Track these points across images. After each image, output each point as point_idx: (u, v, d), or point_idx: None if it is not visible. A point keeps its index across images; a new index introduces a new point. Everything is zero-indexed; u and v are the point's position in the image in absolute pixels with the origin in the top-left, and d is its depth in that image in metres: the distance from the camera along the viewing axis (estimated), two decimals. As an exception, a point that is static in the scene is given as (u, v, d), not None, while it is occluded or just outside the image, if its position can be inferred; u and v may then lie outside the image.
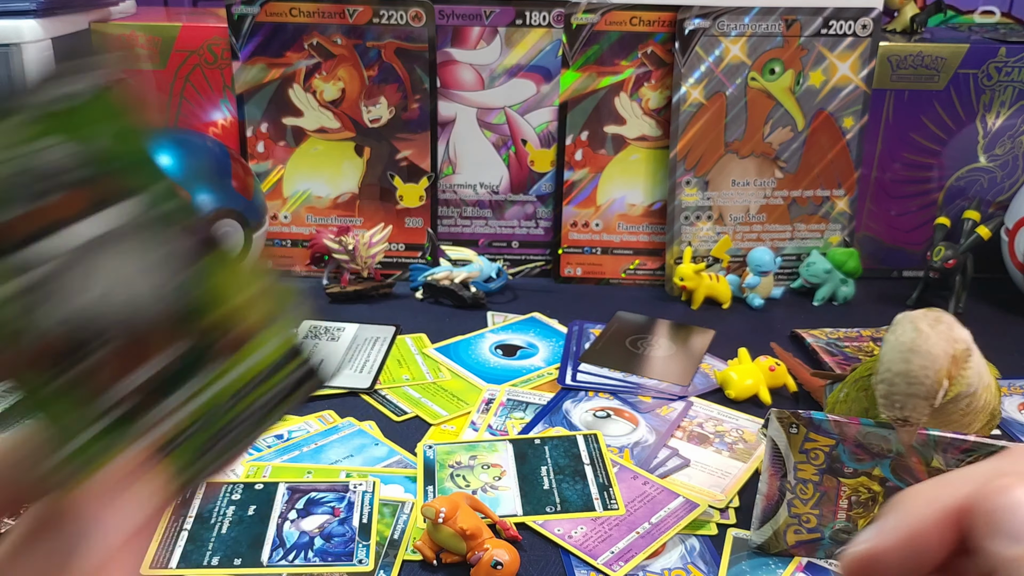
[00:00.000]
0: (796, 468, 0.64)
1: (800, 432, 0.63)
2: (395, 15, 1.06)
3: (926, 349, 0.57)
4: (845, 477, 0.63)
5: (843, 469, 0.63)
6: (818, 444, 0.63)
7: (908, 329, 0.58)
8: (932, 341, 0.57)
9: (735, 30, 1.06)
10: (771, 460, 0.65)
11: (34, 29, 0.94)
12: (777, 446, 0.64)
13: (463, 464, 0.74)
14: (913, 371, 0.56)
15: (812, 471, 0.64)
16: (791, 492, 0.64)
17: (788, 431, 0.63)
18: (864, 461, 0.62)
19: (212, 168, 0.98)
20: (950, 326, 0.59)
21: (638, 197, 1.13)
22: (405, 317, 1.03)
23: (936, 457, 0.60)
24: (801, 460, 0.64)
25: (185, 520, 0.66)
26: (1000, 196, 1.15)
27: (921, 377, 0.56)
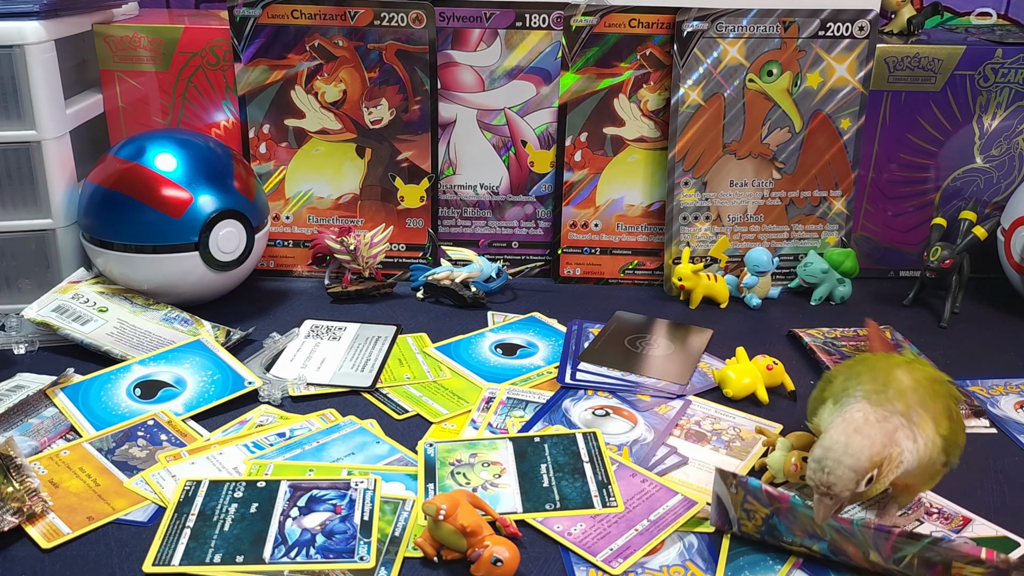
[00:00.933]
0: (739, 523, 0.66)
1: (739, 493, 0.65)
2: (396, 17, 1.07)
3: (868, 433, 0.60)
4: (785, 543, 0.65)
5: (782, 537, 0.65)
6: (755, 508, 0.65)
7: (857, 416, 0.61)
8: (876, 431, 0.61)
9: (733, 32, 1.07)
10: (716, 513, 0.67)
11: (37, 31, 0.95)
12: (721, 501, 0.66)
13: (463, 462, 0.75)
14: (852, 445, 0.60)
15: (752, 528, 0.66)
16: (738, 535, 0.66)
17: (729, 489, 0.66)
18: (801, 536, 0.64)
19: (214, 169, 0.99)
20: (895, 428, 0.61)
21: (637, 198, 1.13)
22: (406, 317, 1.04)
23: (872, 552, 0.61)
24: (742, 517, 0.66)
25: (188, 518, 0.67)
26: (996, 197, 1.16)
27: (857, 452, 0.59)
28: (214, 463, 0.75)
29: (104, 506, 0.69)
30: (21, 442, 0.76)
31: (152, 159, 0.96)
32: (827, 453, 0.60)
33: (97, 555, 0.65)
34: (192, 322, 0.97)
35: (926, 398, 0.64)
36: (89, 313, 0.96)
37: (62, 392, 0.84)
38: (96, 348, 0.91)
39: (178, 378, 0.86)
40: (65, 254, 1.02)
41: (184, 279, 0.99)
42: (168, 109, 1.10)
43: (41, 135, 0.97)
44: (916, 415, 0.63)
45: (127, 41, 1.07)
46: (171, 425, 0.80)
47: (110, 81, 1.09)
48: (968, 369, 0.95)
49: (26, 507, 0.67)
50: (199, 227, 0.97)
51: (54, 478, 0.72)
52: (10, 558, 0.64)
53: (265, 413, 0.83)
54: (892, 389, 0.63)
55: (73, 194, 1.02)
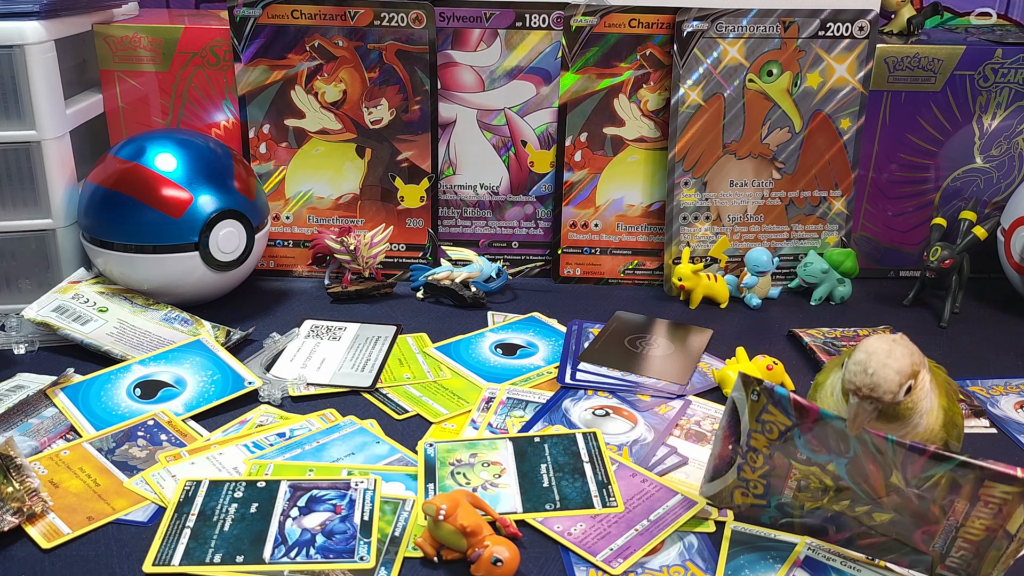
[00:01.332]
0: (750, 435, 0.64)
1: (760, 400, 0.63)
2: (396, 17, 1.07)
3: (904, 344, 0.61)
4: (797, 461, 0.63)
5: (796, 453, 0.63)
6: (775, 419, 0.63)
7: (889, 335, 0.62)
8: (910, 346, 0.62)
9: (733, 32, 1.07)
10: (727, 421, 0.65)
11: (37, 31, 0.95)
12: (736, 409, 0.64)
13: (463, 462, 0.75)
14: (894, 351, 0.60)
15: (764, 443, 0.63)
16: (741, 457, 0.64)
17: (749, 396, 0.63)
18: (819, 452, 0.62)
19: (214, 169, 0.99)
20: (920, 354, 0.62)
21: (637, 198, 1.13)
22: (406, 317, 1.04)
23: (896, 473, 0.60)
24: (756, 429, 0.64)
25: (188, 518, 0.67)
26: (996, 197, 1.16)
27: (900, 357, 0.60)
28: (214, 463, 0.75)
29: (104, 506, 0.69)
30: (21, 442, 0.76)
31: (152, 159, 0.96)
32: (871, 356, 0.60)
33: (97, 555, 0.65)
34: (192, 322, 0.97)
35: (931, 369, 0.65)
36: (89, 313, 0.96)
37: (62, 392, 0.84)
38: (96, 348, 0.91)
39: (178, 378, 0.86)
40: (65, 254, 1.02)
41: (184, 279, 0.99)
42: (168, 109, 1.10)
43: (41, 135, 0.97)
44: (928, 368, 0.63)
45: (127, 41, 1.07)
46: (171, 425, 0.80)
47: (110, 81, 1.09)
48: (968, 369, 0.95)
49: (26, 507, 0.67)
50: (199, 227, 0.97)
51: (54, 478, 0.72)
52: (10, 558, 0.64)
53: (265, 413, 0.83)
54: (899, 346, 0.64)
55: (73, 194, 1.02)
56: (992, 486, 0.58)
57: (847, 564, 0.65)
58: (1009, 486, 0.58)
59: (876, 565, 0.65)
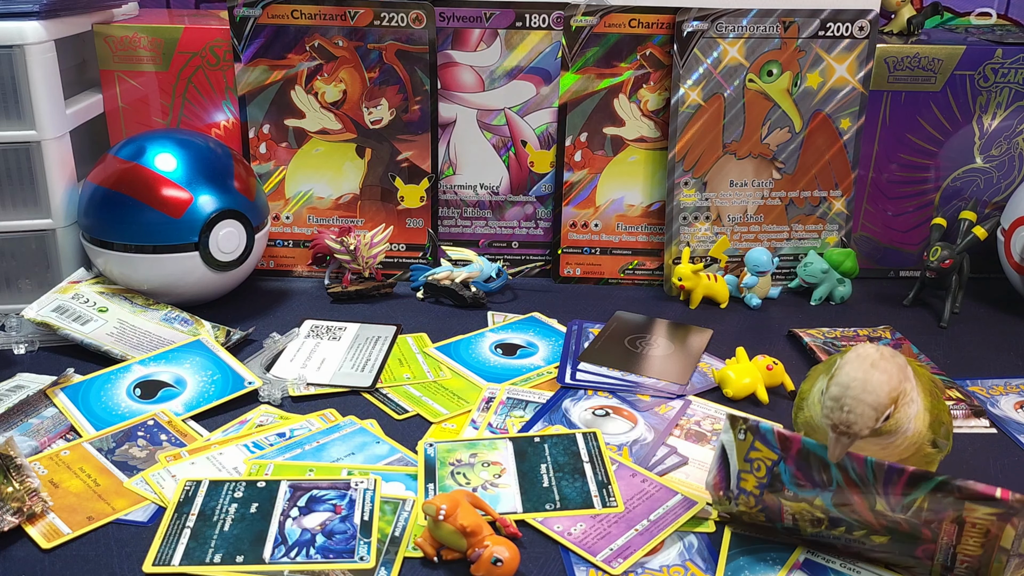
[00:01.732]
0: (739, 477, 0.64)
1: (747, 439, 0.64)
2: (396, 17, 1.07)
3: (885, 367, 0.60)
4: (786, 500, 0.63)
5: (783, 491, 0.63)
6: (761, 455, 0.63)
7: (871, 351, 0.61)
8: (891, 365, 0.60)
9: (733, 32, 1.07)
10: (717, 466, 0.66)
11: (37, 31, 0.95)
12: (725, 452, 0.65)
13: (463, 462, 0.75)
14: (871, 381, 0.59)
15: (754, 483, 0.64)
16: (734, 502, 0.65)
17: (736, 436, 0.64)
18: (805, 487, 0.62)
19: (214, 169, 0.99)
20: (904, 364, 0.62)
21: (637, 198, 1.13)
22: (406, 317, 1.04)
23: (879, 500, 0.60)
24: (745, 469, 0.64)
25: (188, 518, 0.67)
26: (996, 197, 1.16)
27: (877, 388, 0.59)
28: (214, 463, 0.75)
29: (104, 506, 0.69)
30: (21, 442, 0.76)
31: (152, 159, 0.96)
32: (846, 391, 0.59)
33: (97, 555, 0.65)
34: (192, 322, 0.97)
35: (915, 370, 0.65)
36: (89, 313, 0.96)
37: (62, 392, 0.84)
38: (96, 348, 0.91)
39: (178, 378, 0.86)
40: (65, 254, 1.02)
41: (184, 279, 0.99)
42: (168, 109, 1.10)
43: (41, 135, 0.97)
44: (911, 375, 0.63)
45: (127, 41, 1.07)
46: (171, 425, 0.80)
47: (110, 81, 1.09)
48: (968, 369, 0.95)
49: (26, 507, 0.67)
50: (199, 227, 0.97)
51: (54, 478, 0.72)
52: (10, 558, 0.64)
53: (265, 413, 0.83)
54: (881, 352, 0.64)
55: (73, 194, 1.02)
56: (973, 508, 0.58)
57: (846, 565, 0.65)
58: (989, 508, 0.57)
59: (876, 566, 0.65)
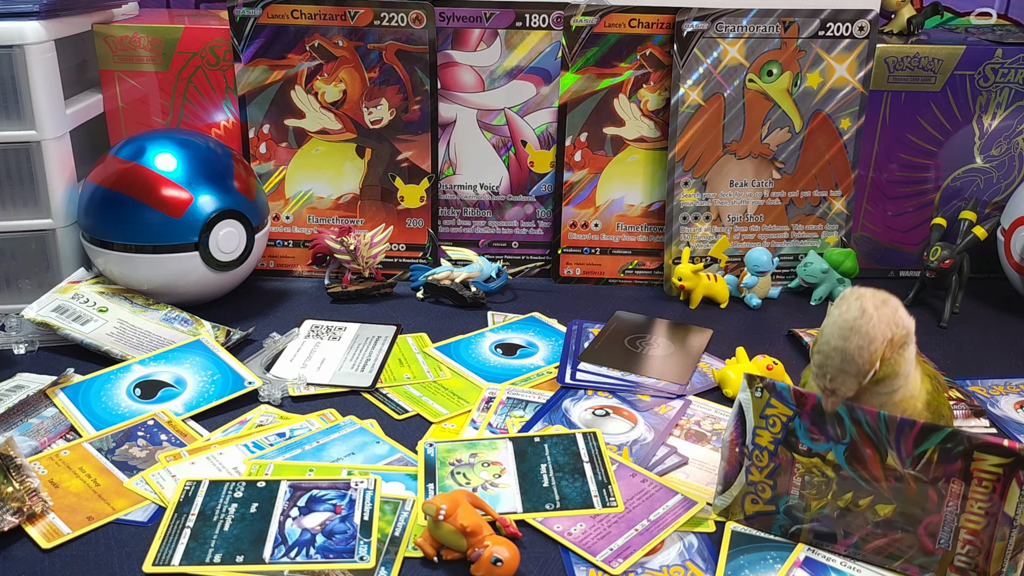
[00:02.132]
0: (755, 433, 0.66)
1: (763, 396, 0.65)
2: (396, 17, 1.07)
3: (866, 330, 0.59)
4: (799, 454, 0.64)
5: (797, 445, 0.64)
6: (777, 411, 0.64)
7: (854, 307, 0.60)
8: (873, 323, 0.59)
9: (733, 32, 1.07)
10: (735, 423, 0.67)
11: (37, 31, 0.95)
12: (743, 410, 0.66)
13: (463, 462, 0.75)
14: (849, 349, 0.59)
15: (768, 438, 0.65)
16: (748, 459, 0.66)
17: (753, 394, 0.65)
18: (818, 441, 0.64)
19: (214, 169, 0.99)
20: (895, 309, 0.61)
21: (637, 198, 1.13)
22: (406, 316, 1.04)
23: (891, 454, 0.61)
24: (760, 426, 0.65)
25: (188, 518, 0.67)
26: (996, 197, 1.16)
27: (855, 356, 0.59)
28: (214, 463, 0.75)
29: (104, 506, 0.69)
30: (21, 442, 0.76)
31: (152, 159, 0.97)
32: (826, 360, 0.60)
33: (97, 555, 0.65)
34: (192, 322, 0.97)
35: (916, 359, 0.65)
36: (89, 313, 0.96)
37: (62, 392, 0.84)
38: (96, 348, 0.91)
39: (178, 378, 0.86)
40: (65, 254, 1.02)
41: (184, 279, 0.99)
42: (168, 109, 1.10)
43: (41, 135, 0.97)
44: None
45: (127, 41, 1.07)
46: (171, 425, 0.80)
47: (110, 81, 1.09)
48: (968, 369, 0.95)
49: (26, 507, 0.67)
50: (199, 227, 0.97)
51: (54, 478, 0.72)
52: (10, 558, 0.64)
53: (265, 413, 0.83)
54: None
55: (73, 194, 1.02)
56: (982, 458, 0.59)
57: (847, 564, 0.65)
58: (998, 457, 0.59)
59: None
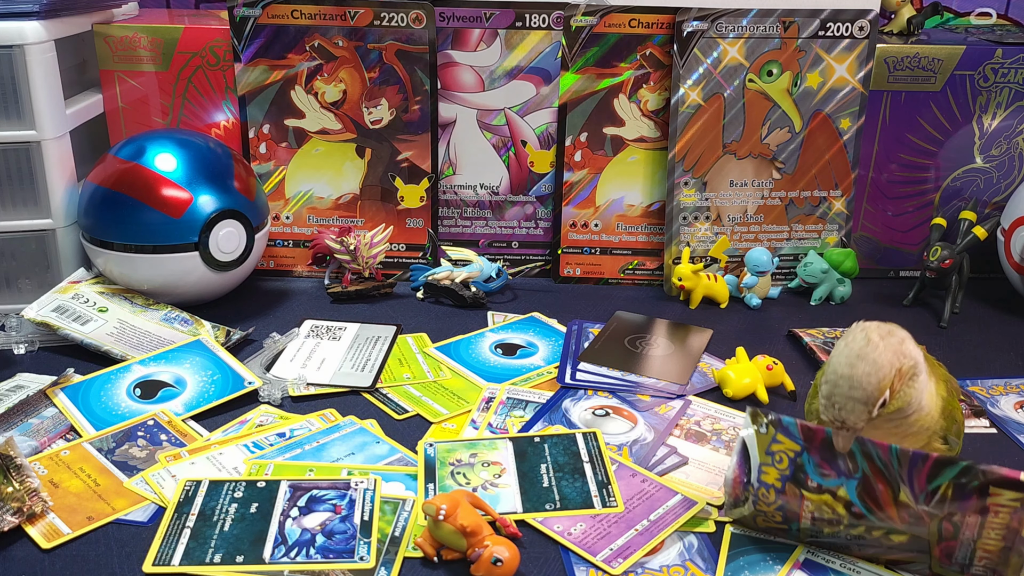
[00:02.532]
0: (760, 471, 0.64)
1: (769, 432, 0.63)
2: (396, 17, 1.07)
3: (873, 358, 0.59)
4: (808, 491, 0.63)
5: (806, 481, 0.62)
6: (784, 447, 0.63)
7: (859, 337, 0.60)
8: (880, 351, 0.59)
9: (733, 32, 1.07)
10: (738, 461, 0.66)
11: (37, 31, 0.95)
12: (746, 447, 0.65)
13: (463, 462, 0.75)
14: (856, 376, 0.58)
15: (775, 475, 0.63)
16: (754, 496, 0.65)
17: (758, 430, 0.64)
18: (829, 477, 0.62)
19: (214, 169, 0.99)
20: (901, 340, 0.60)
21: (637, 198, 1.13)
22: (406, 317, 1.04)
23: (904, 489, 0.60)
24: (766, 462, 0.64)
25: (187, 518, 0.67)
26: (996, 197, 1.16)
27: (863, 383, 0.58)
28: (214, 463, 0.75)
29: (104, 506, 0.69)
30: (21, 442, 0.76)
31: (152, 159, 0.97)
32: (834, 390, 0.59)
33: (97, 555, 0.65)
34: (192, 322, 0.97)
35: (930, 361, 0.64)
36: (89, 313, 0.96)
37: (62, 392, 0.84)
38: (96, 348, 0.91)
39: (178, 378, 0.86)
40: (65, 254, 1.02)
41: (184, 279, 0.99)
42: (168, 109, 1.10)
43: (41, 135, 0.97)
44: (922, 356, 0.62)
45: (127, 41, 1.07)
46: (171, 425, 0.80)
47: (110, 81, 1.09)
48: (968, 369, 0.95)
49: (26, 507, 0.67)
50: (199, 227, 0.97)
51: (54, 478, 0.72)
52: (10, 558, 0.64)
53: (265, 413, 0.83)
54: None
55: (73, 194, 1.02)
56: (998, 493, 0.58)
57: (846, 565, 0.65)
58: (1014, 492, 0.57)
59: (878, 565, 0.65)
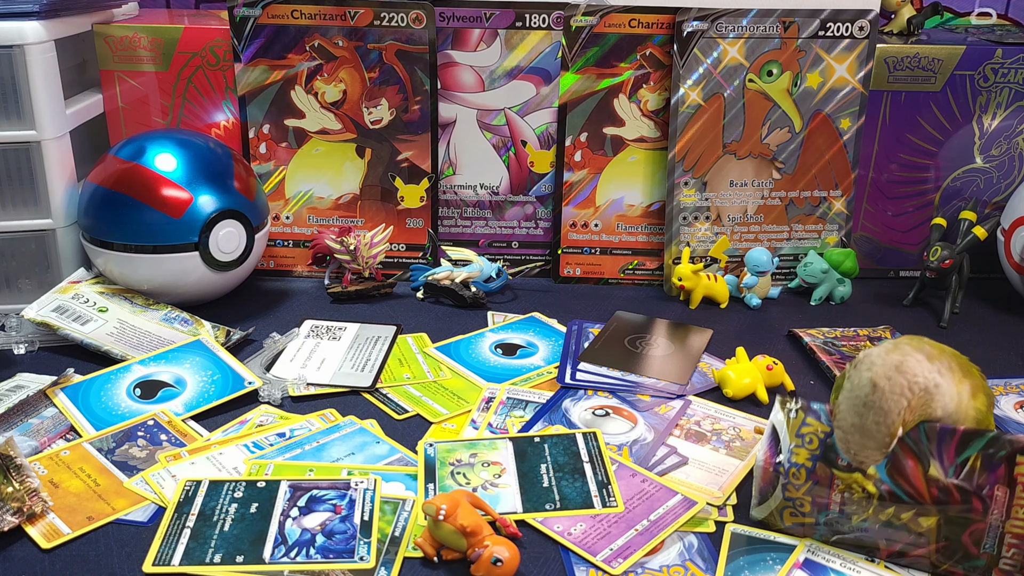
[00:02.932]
0: (791, 451, 0.65)
1: (798, 416, 0.65)
2: (396, 17, 1.07)
3: (879, 406, 0.59)
4: (839, 469, 0.64)
5: (836, 460, 0.64)
6: (813, 429, 0.64)
7: (865, 380, 0.60)
8: (886, 396, 0.59)
9: (733, 32, 1.07)
10: (768, 444, 0.66)
11: (37, 31, 0.95)
12: (776, 430, 0.66)
13: (463, 462, 0.75)
14: (867, 426, 0.59)
15: (806, 455, 0.65)
16: (784, 476, 0.65)
17: (787, 414, 0.65)
18: None
19: (214, 169, 0.99)
20: (908, 375, 0.59)
21: (637, 198, 1.13)
22: (406, 317, 1.04)
23: (934, 463, 0.61)
24: (797, 444, 0.65)
25: (188, 518, 0.67)
26: (996, 197, 1.16)
27: (874, 432, 0.59)
28: (214, 463, 0.75)
29: (104, 506, 0.69)
30: (21, 442, 0.76)
31: (152, 159, 0.97)
32: (847, 437, 0.60)
33: (97, 555, 0.65)
34: (192, 322, 0.97)
35: (967, 369, 0.64)
36: (89, 313, 0.96)
37: (62, 392, 0.84)
38: (96, 348, 0.91)
39: (178, 378, 0.86)
40: (65, 254, 1.02)
41: (184, 279, 0.99)
42: (168, 109, 1.10)
43: (41, 135, 0.97)
44: (946, 367, 0.62)
45: (127, 41, 1.07)
46: (171, 425, 0.80)
47: (110, 81, 1.09)
48: (968, 369, 0.95)
49: (26, 507, 0.67)
50: (199, 227, 0.97)
51: (54, 478, 0.72)
52: (10, 558, 0.64)
53: (265, 413, 0.83)
54: (932, 344, 0.63)
55: (73, 194, 1.02)
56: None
57: (846, 565, 0.65)
58: None
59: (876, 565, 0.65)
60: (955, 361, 0.63)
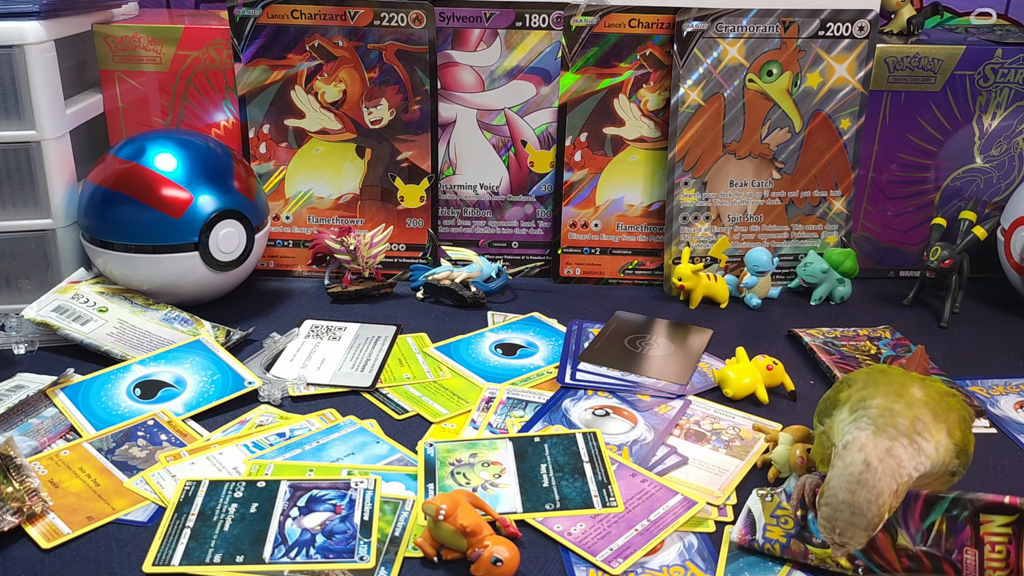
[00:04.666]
0: (765, 528, 0.66)
1: (773, 500, 0.67)
2: (396, 17, 1.07)
3: (872, 483, 0.58)
4: (813, 546, 0.64)
5: (811, 539, 0.64)
6: (788, 512, 0.66)
7: (857, 460, 0.59)
8: (878, 475, 0.58)
9: (733, 32, 1.07)
10: (744, 523, 0.67)
11: (37, 31, 0.95)
12: (751, 512, 0.67)
13: (463, 462, 0.75)
14: (858, 503, 0.58)
15: (780, 533, 0.65)
16: (760, 550, 0.66)
17: (763, 499, 0.68)
18: None
19: (214, 169, 0.99)
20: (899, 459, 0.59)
21: (637, 198, 1.13)
22: (406, 316, 1.04)
23: (901, 533, 0.61)
24: (771, 523, 0.66)
25: (188, 518, 0.67)
26: (996, 197, 1.16)
27: (864, 510, 0.58)
28: (214, 463, 0.75)
29: (104, 506, 0.69)
30: (21, 442, 0.76)
31: (152, 159, 0.97)
32: (836, 514, 0.59)
33: (97, 555, 0.65)
34: (192, 322, 0.97)
35: (939, 410, 0.63)
36: (89, 313, 0.96)
37: (62, 392, 0.84)
38: (96, 348, 0.91)
39: (178, 378, 0.86)
40: (65, 254, 1.02)
41: (184, 279, 0.99)
42: (168, 109, 1.10)
43: (41, 135, 0.97)
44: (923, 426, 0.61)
45: (127, 41, 1.07)
46: (171, 425, 0.80)
47: (110, 81, 1.09)
48: (968, 369, 0.95)
49: (26, 507, 0.67)
50: (199, 227, 0.97)
51: (54, 478, 0.72)
52: (10, 558, 0.64)
53: (265, 413, 0.83)
54: (903, 401, 0.62)
55: (73, 194, 1.02)
56: (988, 520, 0.58)
57: (847, 564, 0.65)
58: (1003, 516, 0.58)
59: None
60: (928, 407, 0.62)
